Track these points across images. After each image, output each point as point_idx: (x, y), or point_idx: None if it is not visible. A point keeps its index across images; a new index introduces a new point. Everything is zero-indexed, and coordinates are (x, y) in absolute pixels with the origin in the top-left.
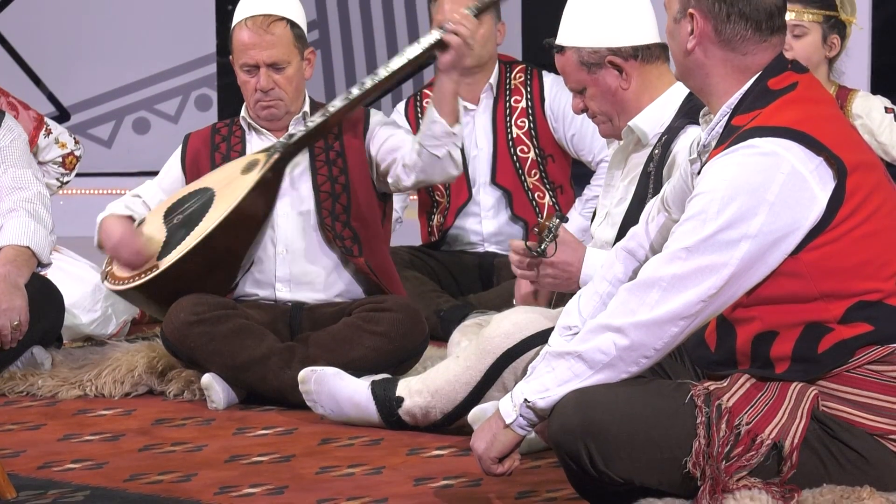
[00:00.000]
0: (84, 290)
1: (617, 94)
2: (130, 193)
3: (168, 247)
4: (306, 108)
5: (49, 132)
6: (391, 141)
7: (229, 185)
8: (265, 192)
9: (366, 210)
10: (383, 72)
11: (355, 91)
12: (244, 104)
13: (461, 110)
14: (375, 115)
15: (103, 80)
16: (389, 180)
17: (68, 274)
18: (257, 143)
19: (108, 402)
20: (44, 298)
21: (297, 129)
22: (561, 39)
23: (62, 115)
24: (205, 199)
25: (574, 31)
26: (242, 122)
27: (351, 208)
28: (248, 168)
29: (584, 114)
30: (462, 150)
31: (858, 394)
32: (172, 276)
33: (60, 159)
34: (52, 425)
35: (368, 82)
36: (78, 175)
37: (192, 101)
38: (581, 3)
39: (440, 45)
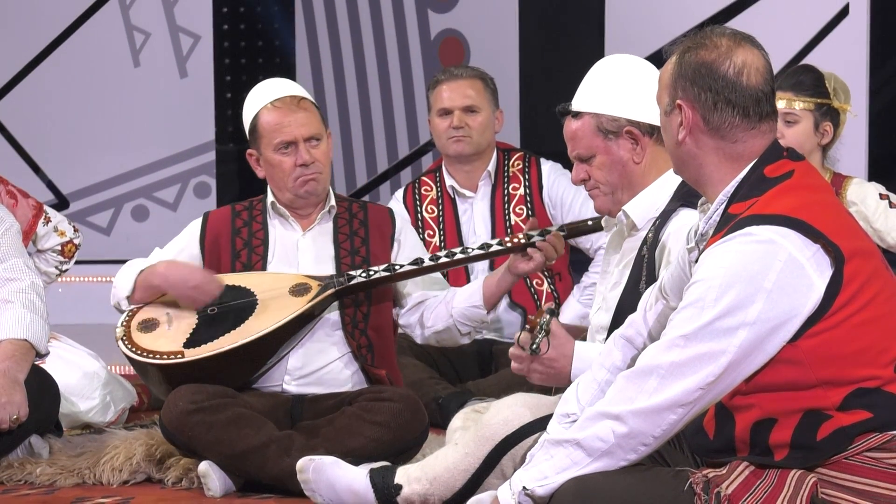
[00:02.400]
0: (82, 378)
1: (627, 166)
2: (143, 260)
3: (198, 336)
4: (332, 201)
5: (48, 220)
6: (420, 278)
7: (275, 301)
8: (307, 320)
9: (383, 320)
10: (461, 255)
11: (427, 262)
12: (267, 190)
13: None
14: (404, 226)
15: (102, 168)
16: (401, 321)
17: (66, 361)
18: (281, 232)
19: (107, 489)
20: (39, 388)
21: (358, 272)
22: (578, 105)
23: (61, 203)
24: (246, 304)
25: (595, 98)
26: (271, 208)
27: (370, 317)
28: (298, 291)
29: (582, 185)
30: (460, 237)
31: (857, 481)
32: (195, 368)
33: (59, 247)
34: None
35: (443, 258)
36: (77, 263)
37: (190, 188)
38: (605, 73)
39: (522, 249)
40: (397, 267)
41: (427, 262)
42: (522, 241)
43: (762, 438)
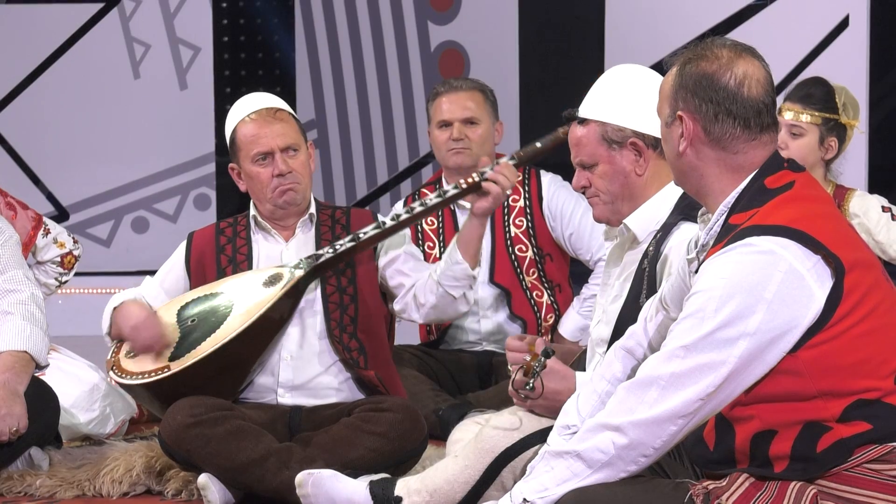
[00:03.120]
0: (82, 390)
1: (629, 177)
2: (131, 290)
3: (181, 348)
4: (312, 209)
5: (48, 232)
6: (402, 264)
7: (250, 296)
8: (284, 307)
9: (373, 321)
10: (419, 207)
11: (388, 221)
12: (251, 204)
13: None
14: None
15: (102, 180)
16: (396, 307)
17: (66, 373)
18: (264, 245)
19: (107, 501)
20: (39, 400)
21: (325, 250)
22: (585, 112)
23: (61, 215)
24: (223, 306)
25: (602, 106)
26: (252, 222)
27: (358, 319)
28: (271, 282)
29: (582, 192)
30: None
31: (857, 493)
32: (182, 379)
33: (59, 259)
34: None
35: (403, 215)
36: (77, 274)
37: (190, 200)
38: (615, 81)
39: (477, 188)
40: (361, 235)
41: (389, 223)
42: (476, 178)
43: (762, 450)
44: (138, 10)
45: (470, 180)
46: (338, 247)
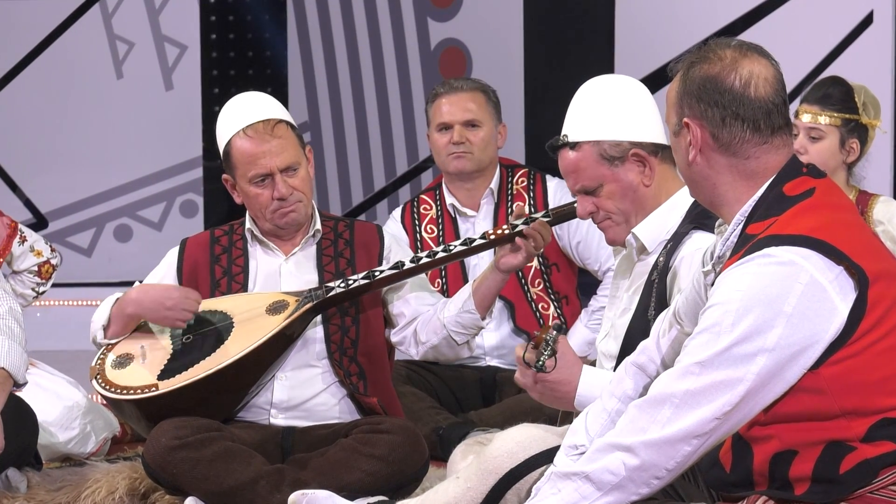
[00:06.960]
0: (61, 407)
1: (638, 190)
2: (117, 296)
3: (173, 366)
4: (318, 224)
5: (24, 240)
6: (407, 291)
7: (252, 321)
8: (286, 338)
9: (375, 344)
10: (442, 253)
11: (408, 263)
12: (246, 215)
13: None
14: (393, 244)
15: (83, 186)
16: (394, 338)
17: (44, 389)
18: (262, 259)
19: None
20: (16, 418)
21: (336, 283)
22: (574, 135)
23: (39, 223)
24: (222, 327)
25: (591, 125)
26: (248, 234)
27: (359, 342)
28: (275, 309)
29: (591, 218)
30: (464, 269)
31: None
32: (170, 400)
33: (36, 268)
34: None
35: (425, 259)
36: (57, 285)
37: (176, 206)
38: (595, 97)
39: (507, 241)
40: (377, 273)
41: (408, 265)
42: (506, 231)
43: (782, 471)
44: (121, 6)
45: (500, 232)
46: (350, 282)
